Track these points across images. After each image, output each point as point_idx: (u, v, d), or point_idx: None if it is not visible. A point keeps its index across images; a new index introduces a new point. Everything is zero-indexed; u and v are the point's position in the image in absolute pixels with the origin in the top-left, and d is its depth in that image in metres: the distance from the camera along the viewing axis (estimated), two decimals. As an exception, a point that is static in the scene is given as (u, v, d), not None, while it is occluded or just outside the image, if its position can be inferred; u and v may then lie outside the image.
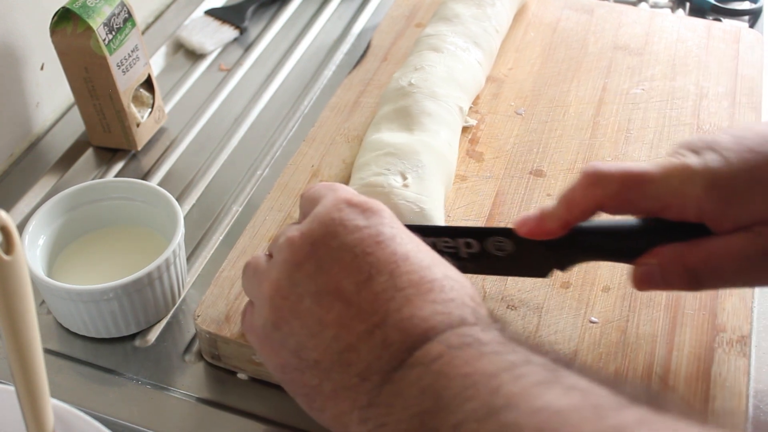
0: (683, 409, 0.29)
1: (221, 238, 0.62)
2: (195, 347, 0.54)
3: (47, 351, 0.54)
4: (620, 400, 0.31)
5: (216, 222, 0.64)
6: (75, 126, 0.72)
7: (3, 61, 0.67)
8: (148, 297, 0.53)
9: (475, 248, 0.48)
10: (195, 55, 0.81)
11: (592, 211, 0.45)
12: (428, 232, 0.46)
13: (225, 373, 0.53)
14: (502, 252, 0.48)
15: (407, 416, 0.34)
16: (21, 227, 0.55)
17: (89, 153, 0.70)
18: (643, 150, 0.64)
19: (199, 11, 0.86)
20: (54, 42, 0.63)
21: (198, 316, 0.51)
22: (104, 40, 0.62)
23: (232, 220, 0.64)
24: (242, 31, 0.83)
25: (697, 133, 0.65)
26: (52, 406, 0.40)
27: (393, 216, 0.42)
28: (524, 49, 0.75)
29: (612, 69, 0.72)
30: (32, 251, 0.54)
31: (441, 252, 0.44)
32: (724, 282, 0.45)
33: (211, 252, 0.61)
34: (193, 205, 0.65)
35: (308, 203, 0.44)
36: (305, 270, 0.39)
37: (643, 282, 0.45)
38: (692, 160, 0.43)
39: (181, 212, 0.55)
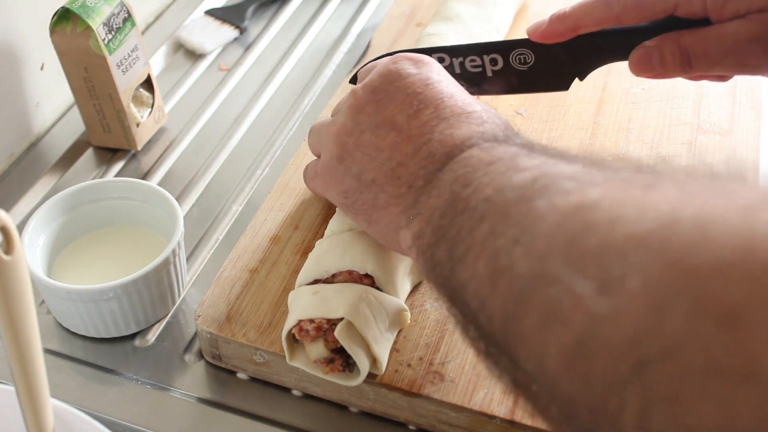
0: None
1: (221, 238, 0.62)
2: (195, 347, 0.54)
3: (47, 351, 0.54)
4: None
5: (216, 222, 0.64)
6: (75, 126, 0.72)
7: (3, 61, 0.66)
8: (147, 297, 0.53)
9: (500, 64, 0.53)
10: (195, 55, 0.81)
11: (608, 24, 0.51)
12: (457, 53, 0.51)
13: (225, 373, 0.53)
14: (525, 65, 0.53)
15: (441, 200, 0.40)
16: (21, 227, 0.55)
17: (89, 153, 0.70)
18: (644, 149, 0.64)
19: (199, 11, 0.86)
20: (54, 42, 0.63)
21: (199, 316, 0.51)
22: (104, 39, 0.62)
23: (232, 220, 0.64)
24: (242, 31, 0.83)
25: (697, 133, 0.65)
26: (52, 406, 0.40)
27: (441, 68, 0.48)
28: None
29: (612, 68, 0.72)
30: (32, 251, 0.54)
31: (469, 72, 0.51)
32: (713, 63, 0.49)
33: (211, 252, 0.61)
34: (193, 205, 0.65)
35: (366, 72, 0.52)
36: (366, 111, 0.47)
37: (640, 64, 0.51)
38: None
39: (180, 212, 0.55)
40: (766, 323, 0.23)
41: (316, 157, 0.55)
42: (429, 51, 0.54)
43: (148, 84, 0.69)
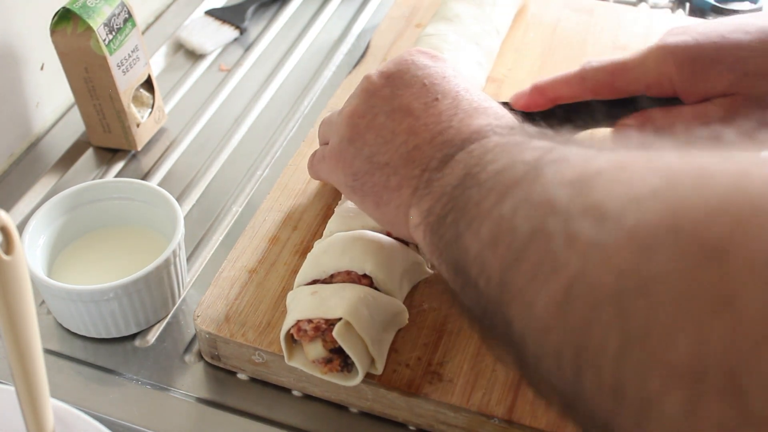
0: None
1: (221, 238, 0.62)
2: (195, 347, 0.54)
3: (47, 351, 0.54)
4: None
5: (216, 222, 0.64)
6: (75, 126, 0.72)
7: (3, 61, 0.67)
8: (148, 297, 0.53)
9: None
10: (195, 55, 0.81)
11: (585, 97, 0.55)
12: None
13: (225, 373, 0.53)
14: None
15: (453, 178, 0.40)
16: (21, 227, 0.55)
17: (89, 153, 0.70)
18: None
19: (199, 11, 0.86)
20: (54, 42, 0.63)
21: (198, 316, 0.51)
22: (104, 40, 0.62)
23: (232, 220, 0.64)
24: (242, 31, 0.83)
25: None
26: (52, 406, 0.40)
27: (456, 65, 0.50)
28: (524, 49, 0.75)
29: (611, 69, 0.72)
30: (32, 251, 0.54)
31: None
32: None
33: (211, 252, 0.61)
34: (193, 205, 0.65)
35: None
36: (381, 95, 0.47)
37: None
38: (668, 40, 0.52)
39: (181, 212, 0.55)
40: (747, 257, 0.23)
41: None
42: None
43: (148, 84, 0.69)
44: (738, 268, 0.23)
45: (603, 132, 0.57)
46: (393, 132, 0.45)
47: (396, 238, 0.51)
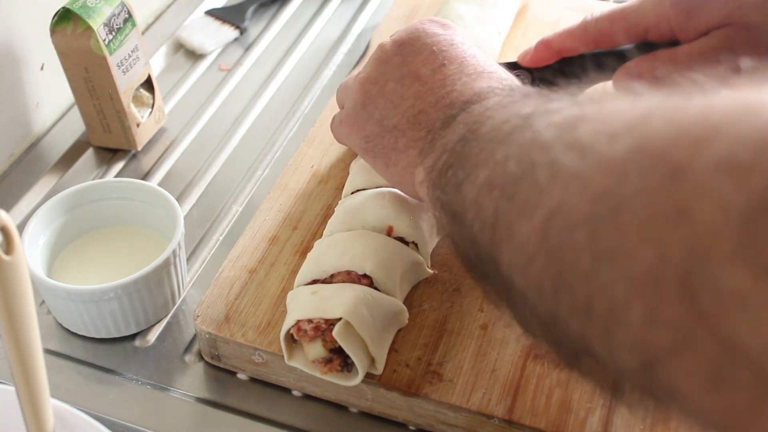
0: None
1: (221, 238, 0.62)
2: (195, 347, 0.54)
3: (47, 351, 0.54)
4: None
5: (216, 222, 0.64)
6: (75, 126, 0.72)
7: (3, 61, 0.67)
8: (148, 297, 0.53)
9: None
10: (195, 55, 0.81)
11: (588, 48, 0.57)
12: None
13: (225, 373, 0.53)
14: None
15: (455, 136, 0.43)
16: (21, 227, 0.55)
17: (89, 153, 0.70)
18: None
19: (199, 11, 0.86)
20: (54, 42, 0.63)
21: (197, 316, 0.51)
22: (104, 40, 0.62)
23: (232, 220, 0.64)
24: (242, 31, 0.83)
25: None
26: (52, 406, 0.40)
27: (465, 33, 0.52)
28: (524, 49, 0.75)
29: (611, 69, 0.72)
30: (32, 251, 0.54)
31: None
32: None
33: (211, 252, 0.61)
34: (193, 205, 0.65)
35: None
36: (392, 62, 0.50)
37: (622, 83, 0.56)
38: None
39: (181, 212, 0.55)
40: (701, 172, 0.25)
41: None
42: None
43: (148, 84, 0.69)
44: (693, 182, 0.26)
45: (603, 86, 0.60)
46: (401, 97, 0.48)
47: (396, 238, 0.51)
